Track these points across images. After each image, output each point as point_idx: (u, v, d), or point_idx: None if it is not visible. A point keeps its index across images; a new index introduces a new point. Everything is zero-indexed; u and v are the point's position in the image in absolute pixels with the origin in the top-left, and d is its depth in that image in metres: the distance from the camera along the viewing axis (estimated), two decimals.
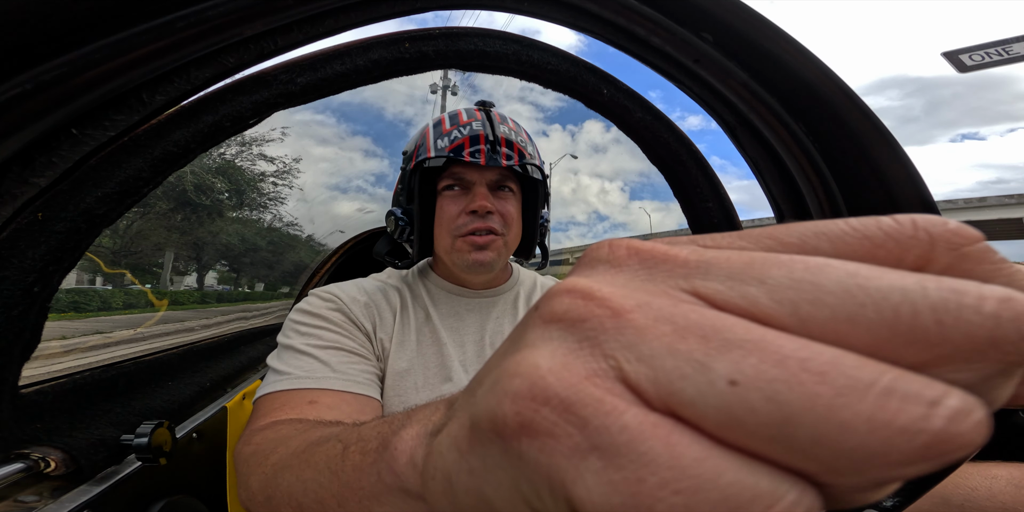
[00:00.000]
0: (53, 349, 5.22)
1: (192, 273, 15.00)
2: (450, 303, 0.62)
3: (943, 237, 0.10)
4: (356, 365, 0.51)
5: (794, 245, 0.11)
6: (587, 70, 0.65)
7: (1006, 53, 4.31)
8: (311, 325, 0.53)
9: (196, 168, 11.95)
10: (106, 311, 9.67)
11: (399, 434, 0.21)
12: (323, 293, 0.58)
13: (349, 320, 0.55)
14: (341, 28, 0.46)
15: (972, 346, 0.09)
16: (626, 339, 0.10)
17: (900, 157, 0.38)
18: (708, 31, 0.42)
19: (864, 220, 0.11)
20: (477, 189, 0.56)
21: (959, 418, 0.08)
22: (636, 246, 0.12)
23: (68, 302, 9.08)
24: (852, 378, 0.08)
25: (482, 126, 0.57)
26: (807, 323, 0.09)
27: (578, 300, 0.11)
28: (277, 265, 15.00)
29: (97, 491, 0.47)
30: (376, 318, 0.57)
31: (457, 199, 0.57)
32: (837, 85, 0.39)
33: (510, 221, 0.58)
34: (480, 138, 0.55)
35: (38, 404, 0.49)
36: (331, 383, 0.47)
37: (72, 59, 0.31)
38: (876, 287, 0.09)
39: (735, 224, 0.74)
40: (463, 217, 0.56)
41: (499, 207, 0.57)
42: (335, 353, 0.51)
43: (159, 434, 0.53)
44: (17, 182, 0.36)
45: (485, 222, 0.55)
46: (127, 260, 11.35)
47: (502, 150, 0.56)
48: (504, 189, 0.58)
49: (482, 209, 0.54)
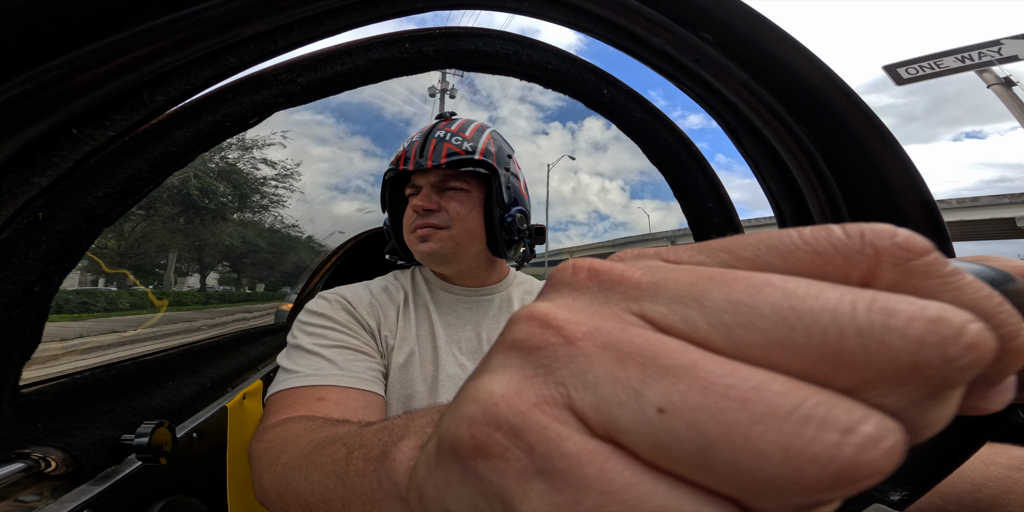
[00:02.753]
0: (76, 347, 5.19)
1: (194, 274, 15.03)
2: (448, 301, 0.65)
3: (888, 252, 0.10)
4: (361, 362, 0.54)
5: (748, 260, 0.11)
6: (587, 70, 0.65)
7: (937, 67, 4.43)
8: (318, 325, 0.56)
9: (200, 172, 12.04)
10: (117, 311, 9.74)
11: (398, 445, 0.23)
12: (330, 295, 0.61)
13: (354, 320, 0.58)
14: (341, 28, 0.46)
15: (895, 370, 0.09)
16: (576, 367, 0.10)
17: (900, 156, 0.38)
18: (708, 31, 0.42)
19: (816, 233, 0.11)
20: (423, 191, 0.62)
21: (869, 446, 0.08)
22: (596, 268, 0.12)
23: (78, 303, 9.18)
24: (772, 405, 0.09)
25: (420, 136, 0.62)
26: (740, 347, 0.09)
27: (536, 328, 0.11)
28: (278, 266, 15.03)
29: (97, 491, 0.47)
30: (380, 316, 0.60)
31: (413, 203, 0.63)
32: (837, 85, 0.39)
33: (456, 215, 0.61)
34: (414, 146, 0.61)
35: (38, 404, 0.49)
36: (337, 380, 0.50)
37: (72, 59, 0.31)
38: (808, 309, 0.09)
39: (735, 224, 0.74)
40: (411, 216, 0.62)
41: (443, 204, 0.61)
42: (341, 352, 0.53)
43: (159, 434, 0.53)
44: (17, 182, 0.36)
45: (424, 219, 0.61)
46: (132, 261, 11.39)
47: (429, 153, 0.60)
48: (451, 189, 0.62)
49: (418, 208, 0.60)
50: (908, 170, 0.39)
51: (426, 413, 0.24)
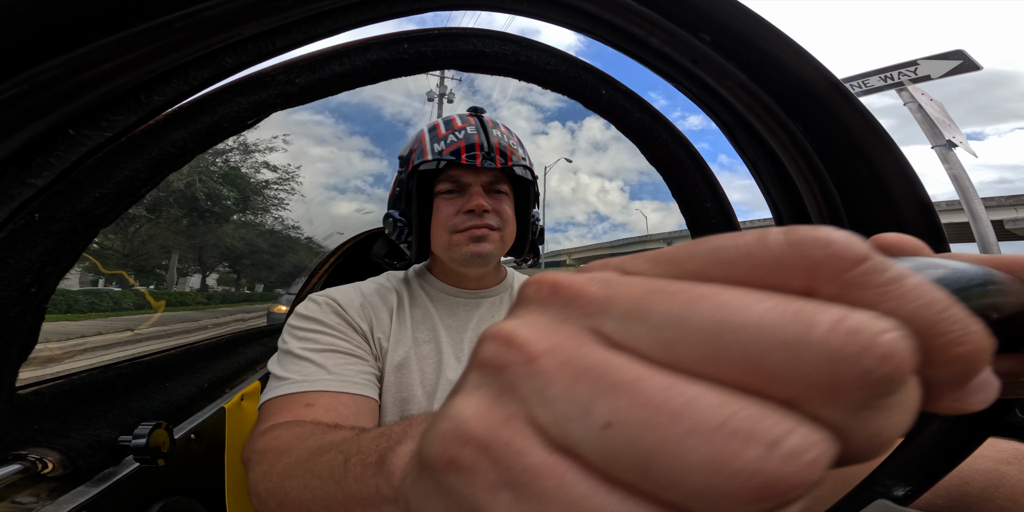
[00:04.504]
0: (96, 342, 5.29)
1: (194, 275, 15.16)
2: (447, 302, 0.64)
3: (823, 263, 0.10)
4: (352, 366, 0.53)
5: (693, 272, 0.11)
6: (585, 70, 0.66)
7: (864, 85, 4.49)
8: (308, 329, 0.55)
9: (205, 176, 12.20)
10: (126, 311, 10.05)
11: (395, 451, 0.23)
12: (319, 297, 0.59)
13: (345, 322, 0.57)
14: (339, 29, 0.46)
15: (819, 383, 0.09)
16: (536, 384, 0.10)
17: (897, 157, 0.39)
18: (706, 32, 0.42)
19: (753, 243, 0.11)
20: (473, 190, 0.59)
21: (792, 459, 0.08)
22: (558, 283, 0.12)
23: (86, 303, 9.39)
24: (702, 419, 0.09)
25: (476, 130, 0.60)
26: (680, 361, 0.10)
27: (500, 347, 0.11)
28: (277, 266, 15.10)
29: (95, 492, 0.47)
30: (373, 318, 0.59)
31: (454, 200, 0.60)
32: (835, 86, 0.39)
33: (506, 219, 0.61)
34: (475, 142, 0.59)
35: (35, 405, 0.49)
36: (326, 384, 0.49)
37: (69, 59, 0.31)
38: (738, 322, 0.09)
39: (733, 224, 0.74)
40: (460, 216, 0.59)
41: (495, 206, 0.60)
42: (331, 356, 0.52)
43: (157, 435, 0.53)
44: (14, 183, 0.36)
45: (483, 219, 0.58)
46: (136, 262, 11.58)
47: (495, 153, 0.59)
48: (498, 191, 0.61)
49: (479, 208, 0.58)
50: (905, 171, 0.39)
51: (425, 419, 0.24)
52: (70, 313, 8.84)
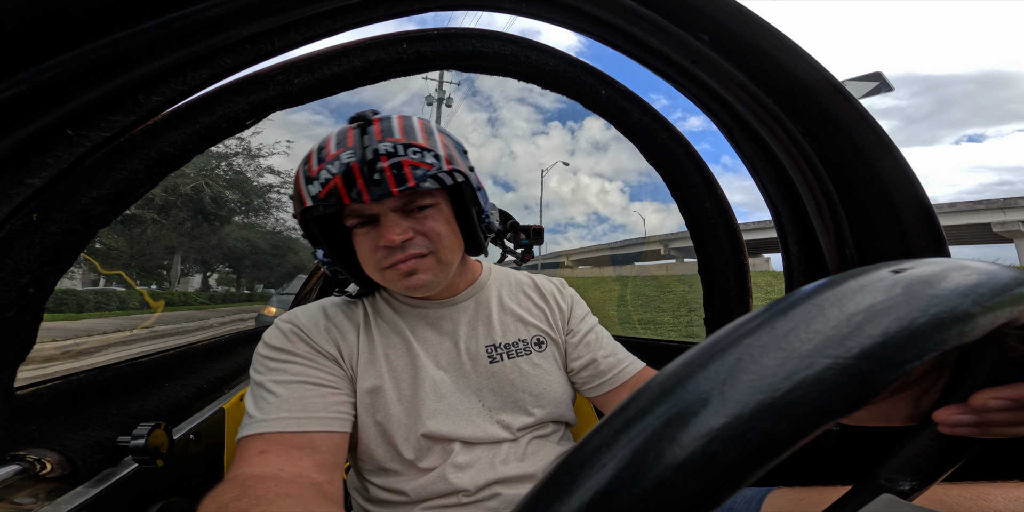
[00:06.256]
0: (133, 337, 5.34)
1: (195, 275, 15.33)
2: (418, 315, 0.60)
3: None
4: (321, 398, 0.51)
5: None
6: (585, 71, 0.66)
7: None
8: (277, 359, 0.52)
9: (211, 181, 12.40)
10: (135, 310, 10.33)
11: None
12: (284, 325, 0.56)
13: (313, 350, 0.54)
14: (338, 29, 0.46)
15: None
16: None
17: (896, 158, 0.39)
18: (705, 32, 0.42)
19: None
20: (383, 221, 0.50)
21: None
22: None
23: (95, 303, 9.62)
24: None
25: (354, 154, 0.47)
26: None
27: None
28: (277, 267, 15.16)
29: (94, 493, 0.46)
30: (340, 340, 0.56)
31: (370, 234, 0.52)
32: (834, 86, 0.39)
33: (437, 237, 0.52)
34: (354, 172, 0.47)
35: (34, 406, 0.49)
36: (286, 425, 0.47)
37: (68, 59, 0.31)
38: None
39: (732, 225, 0.74)
40: (380, 251, 0.51)
41: (416, 228, 0.51)
42: (299, 388, 0.50)
43: (156, 436, 0.53)
44: (12, 183, 0.36)
45: (404, 252, 0.51)
46: (140, 262, 11.80)
47: (387, 176, 0.47)
48: (419, 208, 0.51)
49: (391, 244, 0.49)
50: (904, 171, 0.39)
51: None
52: (70, 313, 8.98)
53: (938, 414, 0.24)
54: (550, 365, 0.61)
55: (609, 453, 0.12)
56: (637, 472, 0.12)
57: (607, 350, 0.63)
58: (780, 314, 0.14)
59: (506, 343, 0.60)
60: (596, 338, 0.64)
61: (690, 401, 0.13)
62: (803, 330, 0.14)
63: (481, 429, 0.55)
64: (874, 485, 0.25)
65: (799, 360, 0.13)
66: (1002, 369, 0.22)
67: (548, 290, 0.65)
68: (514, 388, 0.57)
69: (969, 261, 0.14)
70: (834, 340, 0.13)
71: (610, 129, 0.71)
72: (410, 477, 0.53)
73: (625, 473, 0.12)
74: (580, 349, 0.63)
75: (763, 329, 0.14)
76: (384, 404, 0.54)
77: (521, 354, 0.60)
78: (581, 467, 0.12)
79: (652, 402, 0.13)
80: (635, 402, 0.13)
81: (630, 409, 0.13)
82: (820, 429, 0.12)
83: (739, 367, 0.13)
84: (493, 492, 0.53)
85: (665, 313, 9.83)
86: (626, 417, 0.13)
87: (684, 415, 0.12)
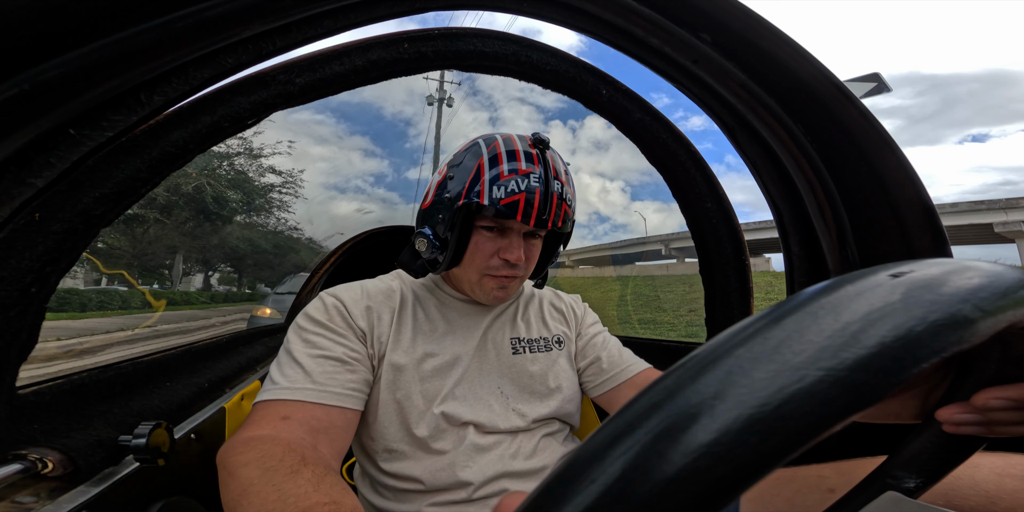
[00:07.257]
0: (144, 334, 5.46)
1: (196, 274, 15.46)
2: (458, 308, 0.65)
3: None
4: (341, 375, 0.53)
5: None
6: (586, 71, 0.66)
7: None
8: (312, 331, 0.56)
9: (214, 181, 12.51)
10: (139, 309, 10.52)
11: None
12: (327, 298, 0.60)
13: (347, 325, 0.57)
14: (340, 29, 0.46)
15: None
16: None
17: (899, 158, 0.38)
18: (706, 31, 0.42)
19: None
20: (514, 239, 0.57)
21: None
22: None
23: (97, 302, 9.82)
24: None
25: (539, 182, 0.54)
26: None
27: None
28: (278, 266, 15.24)
29: (95, 492, 0.47)
30: (375, 320, 0.59)
31: (493, 240, 0.58)
32: (836, 86, 0.39)
33: (531, 264, 0.61)
34: (535, 201, 0.54)
35: (35, 405, 0.49)
36: (306, 395, 0.51)
37: (70, 59, 0.31)
38: None
39: (733, 225, 0.74)
40: (496, 259, 0.58)
41: (527, 254, 0.59)
42: (323, 362, 0.53)
43: (157, 435, 0.53)
44: (14, 183, 0.36)
45: (511, 270, 0.58)
46: (142, 262, 11.95)
47: (550, 213, 0.55)
48: (535, 237, 0.60)
49: (517, 261, 0.57)
50: (907, 171, 0.38)
51: None
52: (73, 312, 9.06)
53: (941, 413, 0.24)
54: (565, 363, 0.67)
55: (599, 468, 0.12)
56: (625, 489, 0.12)
57: (611, 351, 0.68)
58: (773, 323, 0.14)
59: (529, 338, 0.66)
60: (603, 340, 0.70)
61: (679, 416, 0.12)
62: (796, 341, 0.13)
63: (497, 415, 0.58)
64: (878, 482, 0.25)
65: (791, 373, 0.12)
66: (1006, 368, 0.22)
67: (567, 300, 0.75)
68: (532, 379, 0.62)
69: (972, 262, 0.14)
70: (827, 351, 0.13)
71: (611, 128, 0.71)
72: (417, 460, 0.55)
73: (614, 489, 0.12)
74: (587, 349, 0.69)
75: (755, 339, 0.14)
76: (406, 382, 0.57)
77: (542, 350, 0.66)
78: (571, 482, 0.12)
79: (641, 416, 0.13)
80: (623, 416, 0.13)
81: (618, 423, 0.13)
82: (814, 441, 0.12)
83: (729, 381, 0.13)
84: (501, 487, 0.54)
85: (665, 313, 9.84)
86: (615, 432, 0.13)
87: (672, 431, 0.12)
